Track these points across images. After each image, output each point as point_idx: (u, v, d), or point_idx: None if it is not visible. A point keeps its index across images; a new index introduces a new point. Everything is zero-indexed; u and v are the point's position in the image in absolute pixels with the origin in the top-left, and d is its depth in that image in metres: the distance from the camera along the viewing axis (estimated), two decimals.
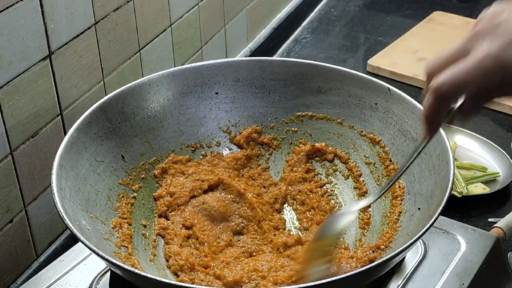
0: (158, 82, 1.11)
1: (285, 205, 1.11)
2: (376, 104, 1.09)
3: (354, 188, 1.09)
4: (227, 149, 1.16)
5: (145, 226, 1.03)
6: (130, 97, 1.08)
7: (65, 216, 0.85)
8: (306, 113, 1.15)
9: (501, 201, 1.30)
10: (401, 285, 0.96)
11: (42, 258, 1.15)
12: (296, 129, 1.16)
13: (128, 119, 1.08)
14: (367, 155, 1.10)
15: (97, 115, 1.03)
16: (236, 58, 1.51)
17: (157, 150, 1.10)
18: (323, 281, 0.82)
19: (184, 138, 1.13)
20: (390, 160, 1.06)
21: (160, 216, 1.05)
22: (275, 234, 1.04)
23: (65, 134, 0.99)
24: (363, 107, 1.10)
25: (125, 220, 1.00)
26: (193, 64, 1.15)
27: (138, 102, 1.09)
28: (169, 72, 1.12)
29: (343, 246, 1.01)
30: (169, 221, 1.04)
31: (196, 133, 1.14)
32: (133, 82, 1.09)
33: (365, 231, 1.03)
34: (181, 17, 1.42)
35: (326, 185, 1.12)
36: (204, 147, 1.15)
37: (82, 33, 1.14)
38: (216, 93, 1.15)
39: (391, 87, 1.07)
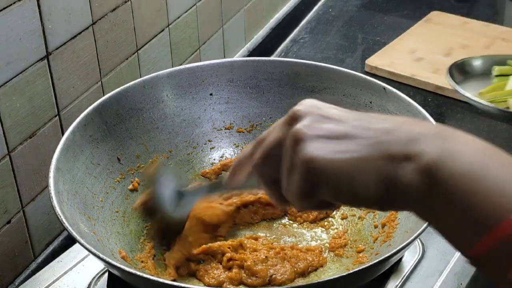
0: (153, 84, 1.11)
1: None
2: (371, 102, 1.09)
3: None
4: None
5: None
6: (125, 99, 1.08)
7: (64, 220, 0.85)
8: None
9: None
10: (399, 285, 0.95)
11: (40, 259, 1.15)
12: None
13: (123, 121, 1.07)
14: None
15: (92, 118, 1.03)
16: (230, 59, 1.51)
17: (152, 152, 1.10)
18: (321, 280, 0.82)
19: (179, 140, 1.13)
20: None
21: None
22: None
23: (63, 134, 0.99)
24: (357, 106, 1.10)
25: None
26: (187, 65, 1.15)
27: (132, 103, 1.09)
28: (163, 73, 1.12)
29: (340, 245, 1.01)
30: None
31: (191, 134, 1.14)
32: (128, 84, 1.09)
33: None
34: (178, 18, 1.42)
35: None
36: None
37: (79, 33, 1.14)
38: (211, 94, 1.15)
39: (386, 86, 1.07)
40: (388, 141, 0.58)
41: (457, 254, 1.01)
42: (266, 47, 1.80)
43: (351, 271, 0.82)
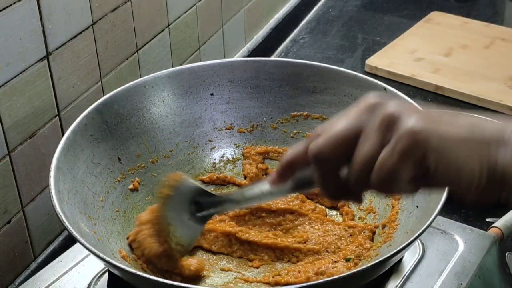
0: (153, 84, 1.11)
1: None
2: None
3: None
4: None
5: None
6: (125, 99, 1.08)
7: (64, 219, 0.85)
8: (302, 113, 1.15)
9: (499, 201, 1.30)
10: (399, 285, 0.95)
11: (40, 259, 1.15)
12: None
13: (123, 120, 1.07)
14: None
15: (93, 117, 1.03)
16: (231, 59, 1.51)
17: (153, 151, 1.10)
18: (321, 281, 0.82)
19: (180, 139, 1.13)
20: None
21: None
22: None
23: (63, 134, 0.99)
24: None
25: None
26: (188, 65, 1.15)
27: (133, 103, 1.09)
28: (164, 73, 1.12)
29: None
30: None
31: (192, 134, 1.14)
32: (128, 84, 1.09)
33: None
34: (178, 18, 1.42)
35: None
36: None
37: (79, 33, 1.14)
38: (211, 94, 1.15)
39: (387, 86, 1.07)
40: (481, 128, 0.62)
41: (457, 254, 1.01)
42: (266, 47, 1.80)
43: (351, 272, 0.82)
